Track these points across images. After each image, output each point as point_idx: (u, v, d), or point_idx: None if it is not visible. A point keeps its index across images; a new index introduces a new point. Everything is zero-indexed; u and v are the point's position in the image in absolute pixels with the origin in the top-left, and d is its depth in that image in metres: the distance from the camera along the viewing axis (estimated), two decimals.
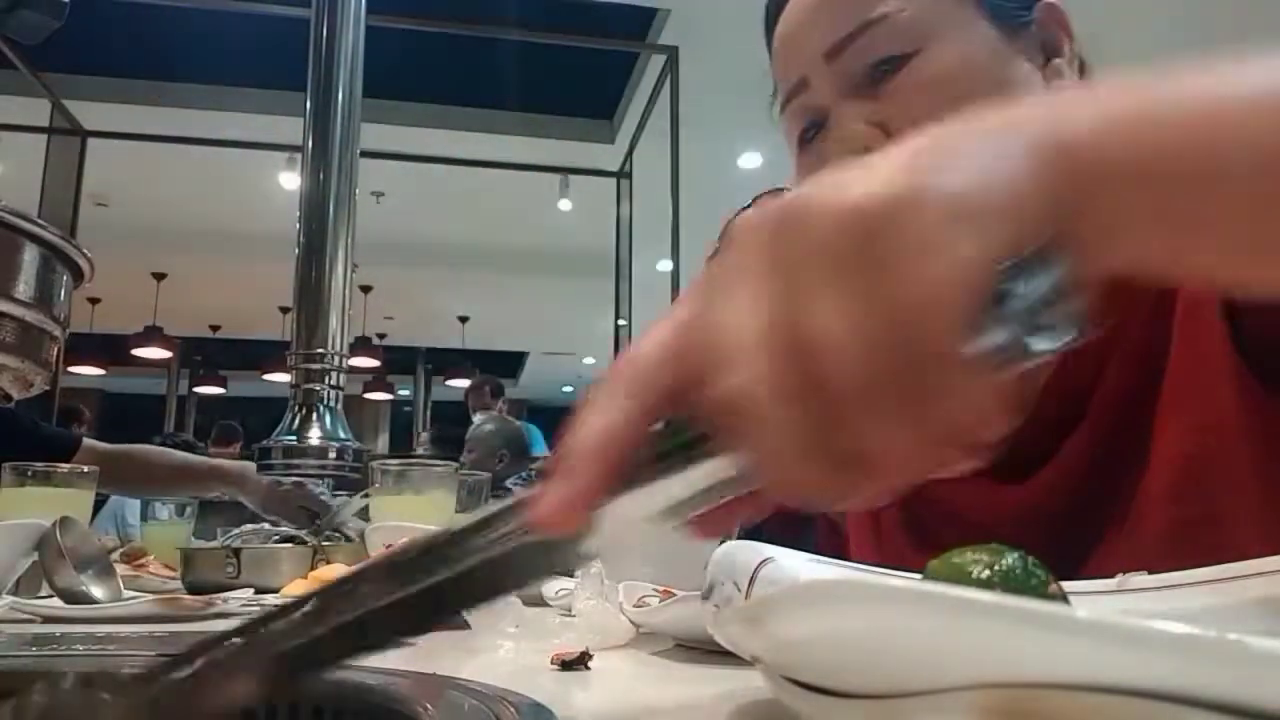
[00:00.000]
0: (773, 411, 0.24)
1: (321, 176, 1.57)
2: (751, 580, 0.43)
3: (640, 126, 4.12)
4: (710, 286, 0.26)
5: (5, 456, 1.09)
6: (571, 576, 0.67)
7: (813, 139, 0.66)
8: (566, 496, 0.26)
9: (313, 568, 1.02)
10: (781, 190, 1.21)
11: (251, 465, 1.63)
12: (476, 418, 3.53)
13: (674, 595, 0.63)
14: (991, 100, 0.44)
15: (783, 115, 0.70)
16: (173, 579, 1.14)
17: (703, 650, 0.55)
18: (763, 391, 0.24)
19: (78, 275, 0.58)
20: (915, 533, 0.69)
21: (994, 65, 0.59)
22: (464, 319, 8.52)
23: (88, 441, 1.62)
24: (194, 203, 5.78)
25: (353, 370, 1.61)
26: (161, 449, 1.67)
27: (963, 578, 0.32)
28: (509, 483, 3.01)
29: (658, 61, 3.96)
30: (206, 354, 9.36)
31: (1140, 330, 0.56)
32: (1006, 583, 0.32)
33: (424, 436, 3.04)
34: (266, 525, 1.40)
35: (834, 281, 0.24)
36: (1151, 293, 0.57)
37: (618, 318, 4.40)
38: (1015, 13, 0.61)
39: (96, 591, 0.83)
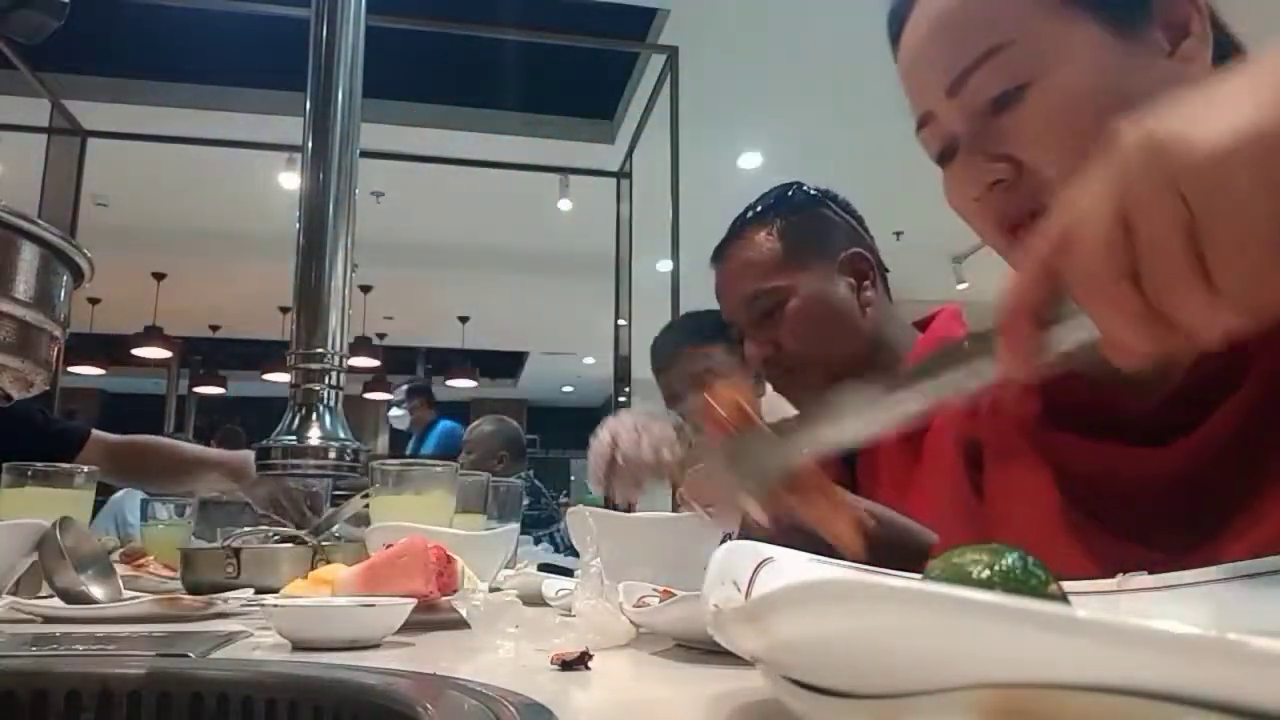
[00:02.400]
0: (1107, 284, 0.33)
1: (321, 176, 1.57)
2: (751, 580, 0.43)
3: (640, 126, 4.12)
4: (1087, 186, 0.35)
5: (18, 450, 1.10)
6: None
7: (951, 158, 0.67)
8: (1010, 342, 0.38)
9: (313, 567, 1.02)
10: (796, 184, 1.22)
11: (249, 456, 1.63)
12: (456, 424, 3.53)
13: (674, 595, 0.63)
14: (1115, 112, 0.50)
15: (918, 136, 0.71)
16: (173, 579, 1.14)
17: (703, 650, 0.55)
18: (1101, 269, 0.33)
19: (78, 275, 0.58)
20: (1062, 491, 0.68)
21: (1112, 76, 0.58)
22: (464, 319, 8.52)
23: (96, 433, 1.63)
24: (194, 203, 5.78)
25: (353, 370, 1.61)
26: (166, 440, 1.68)
27: (963, 578, 0.32)
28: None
29: (658, 61, 3.96)
30: (206, 354, 9.36)
31: None
32: (1006, 583, 0.32)
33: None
34: (265, 525, 1.40)
35: (1167, 190, 0.32)
36: None
37: (618, 318, 4.39)
38: (1131, 10, 0.60)
39: (96, 591, 0.83)
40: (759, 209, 1.23)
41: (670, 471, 0.95)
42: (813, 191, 1.23)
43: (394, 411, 4.57)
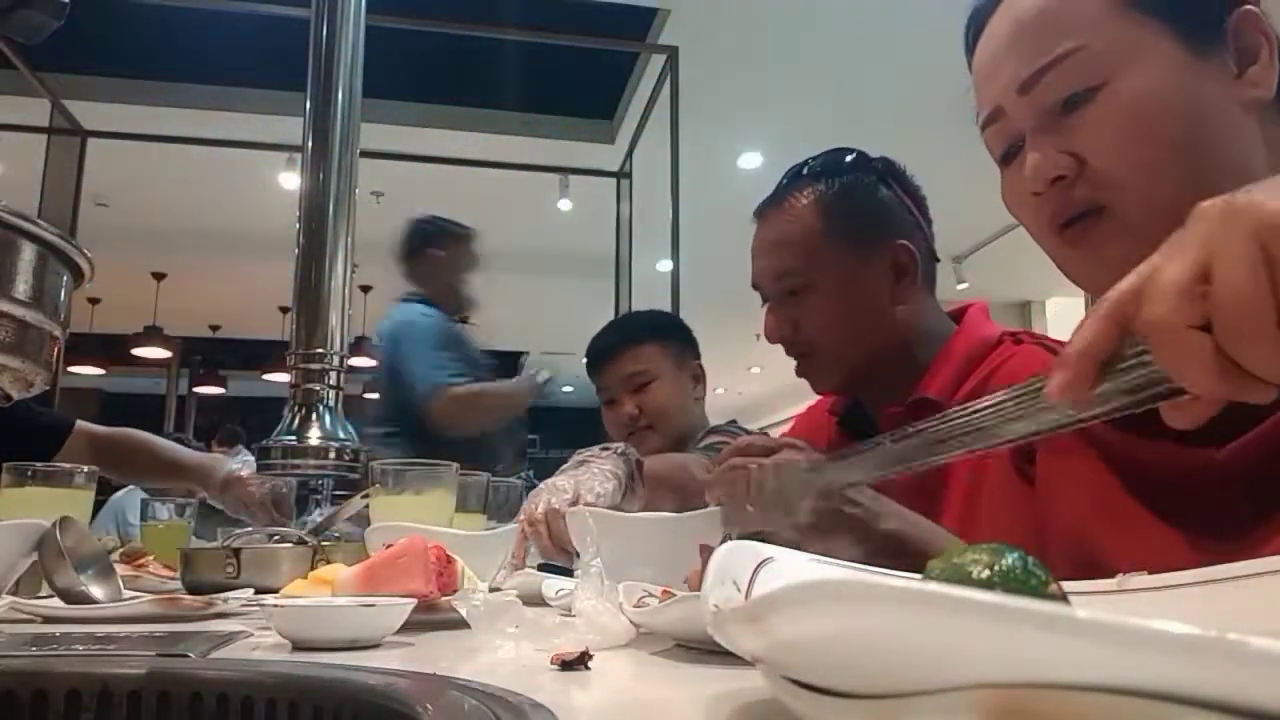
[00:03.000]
0: (1182, 333, 0.35)
1: (321, 176, 1.57)
2: (751, 580, 0.43)
3: (640, 126, 4.12)
4: (1166, 248, 0.38)
5: (4, 441, 1.10)
6: None
7: (1013, 158, 0.70)
8: (1066, 380, 0.39)
9: (313, 567, 1.02)
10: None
11: (220, 461, 1.63)
12: None
13: (674, 595, 0.63)
14: (1180, 123, 0.58)
15: (983, 134, 0.74)
16: (173, 579, 1.14)
17: (703, 650, 0.55)
18: (1178, 316, 0.35)
19: (78, 275, 0.58)
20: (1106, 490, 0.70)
21: (1181, 90, 0.61)
22: (464, 319, 8.51)
23: (81, 424, 1.63)
24: (194, 203, 5.78)
25: (353, 370, 1.61)
26: (146, 438, 1.68)
27: (963, 578, 0.32)
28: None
29: (658, 61, 3.96)
30: (206, 354, 9.36)
31: None
32: (1006, 583, 0.32)
33: None
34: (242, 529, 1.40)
35: (1247, 240, 0.34)
36: None
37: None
38: (1206, 30, 0.62)
39: (96, 591, 0.83)
40: (814, 169, 1.14)
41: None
42: (875, 163, 1.13)
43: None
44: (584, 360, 1.92)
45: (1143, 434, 0.64)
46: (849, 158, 1.14)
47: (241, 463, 1.59)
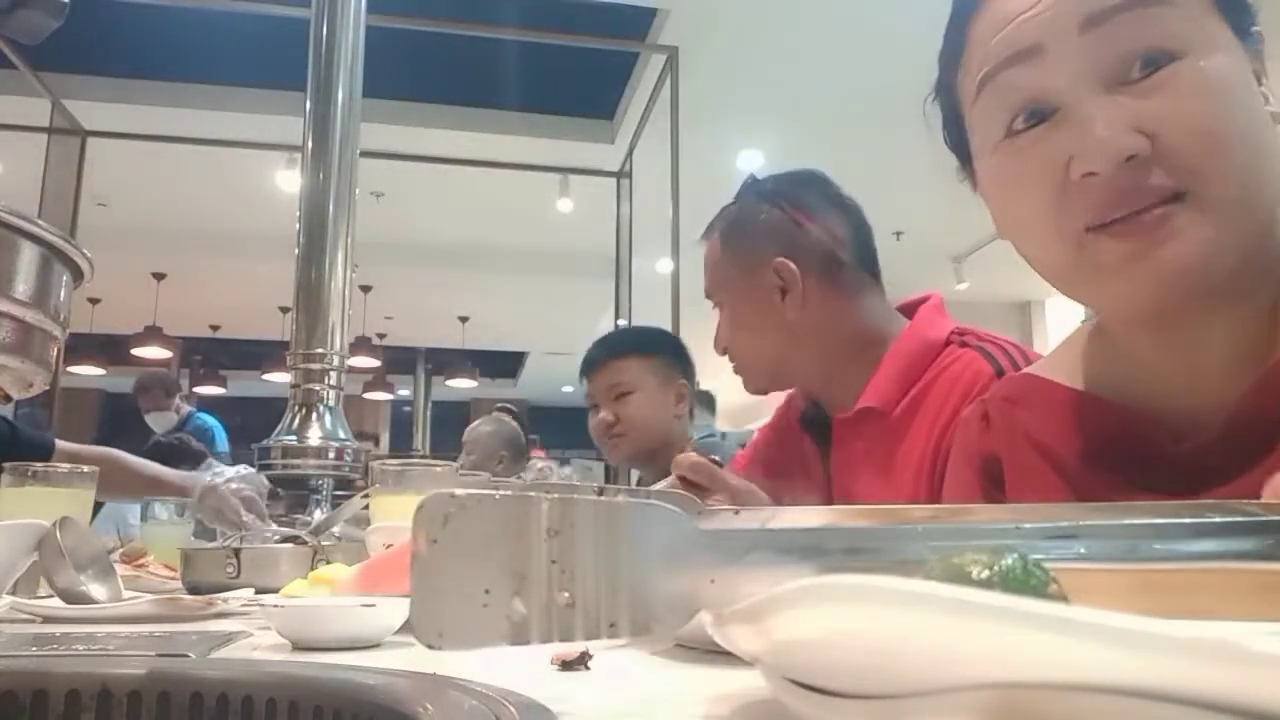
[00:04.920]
0: None
1: (321, 176, 1.57)
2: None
3: (640, 126, 4.12)
4: None
5: None
6: None
7: (1030, 127, 0.57)
8: None
9: (313, 567, 1.02)
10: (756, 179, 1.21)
11: (193, 479, 1.62)
12: (474, 427, 3.53)
13: None
14: (1251, 117, 0.53)
15: (983, 94, 0.59)
16: (173, 579, 1.14)
17: (703, 650, 0.55)
18: None
19: (78, 275, 0.58)
20: None
21: (1247, 82, 0.55)
22: (464, 319, 8.51)
23: (60, 444, 1.64)
24: (194, 203, 5.78)
25: (353, 370, 1.61)
26: (123, 456, 1.68)
27: (963, 578, 0.32)
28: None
29: (658, 61, 3.96)
30: (206, 354, 9.36)
31: None
32: (1006, 583, 0.32)
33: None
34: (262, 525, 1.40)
35: None
36: None
37: (618, 318, 4.39)
38: (1247, 34, 0.58)
39: (96, 591, 0.83)
40: (724, 208, 1.25)
41: None
42: (766, 188, 1.20)
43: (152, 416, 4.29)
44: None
45: (1118, 477, 0.61)
46: (742, 189, 1.24)
47: (213, 475, 1.59)
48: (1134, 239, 0.53)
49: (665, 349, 1.97)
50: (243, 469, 1.55)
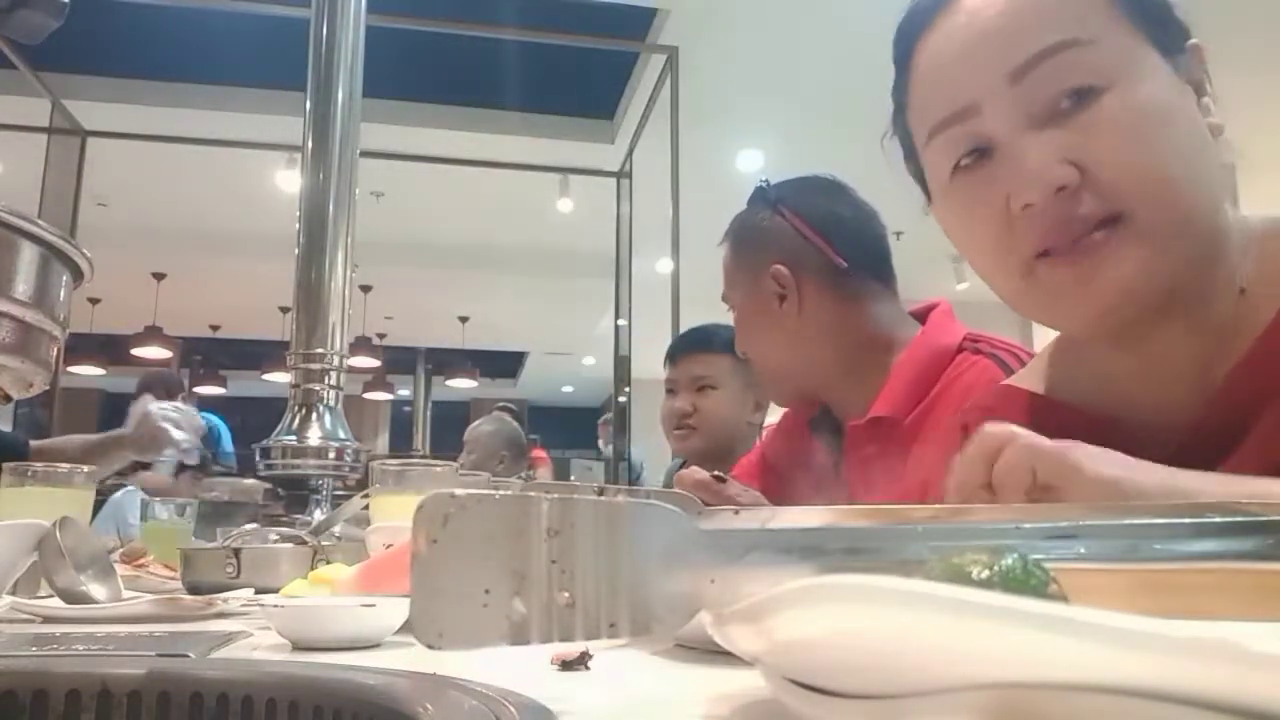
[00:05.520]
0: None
1: (321, 176, 1.57)
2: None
3: (640, 126, 4.12)
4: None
5: None
6: None
7: (969, 166, 0.61)
8: None
9: (313, 567, 1.02)
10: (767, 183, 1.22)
11: (121, 430, 1.66)
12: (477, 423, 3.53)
13: None
14: (1174, 139, 0.56)
15: (929, 146, 0.64)
16: (173, 579, 1.14)
17: (703, 650, 0.55)
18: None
19: (78, 275, 0.58)
20: None
21: (1179, 107, 0.58)
22: (464, 319, 8.52)
23: (34, 444, 1.67)
24: (194, 203, 5.78)
25: (353, 370, 1.61)
26: (73, 436, 1.71)
27: (963, 578, 0.32)
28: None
29: (658, 61, 3.96)
30: (206, 354, 9.36)
31: None
32: (1006, 583, 0.32)
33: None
34: (261, 524, 1.40)
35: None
36: None
37: (618, 318, 4.40)
38: (1178, 52, 0.60)
39: (96, 591, 0.83)
40: (738, 214, 1.26)
41: None
42: (767, 192, 1.21)
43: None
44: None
45: None
46: (751, 198, 1.25)
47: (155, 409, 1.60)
48: (1075, 265, 0.57)
49: None
50: (178, 404, 1.57)
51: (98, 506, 1.29)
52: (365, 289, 6.78)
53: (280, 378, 4.67)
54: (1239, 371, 0.56)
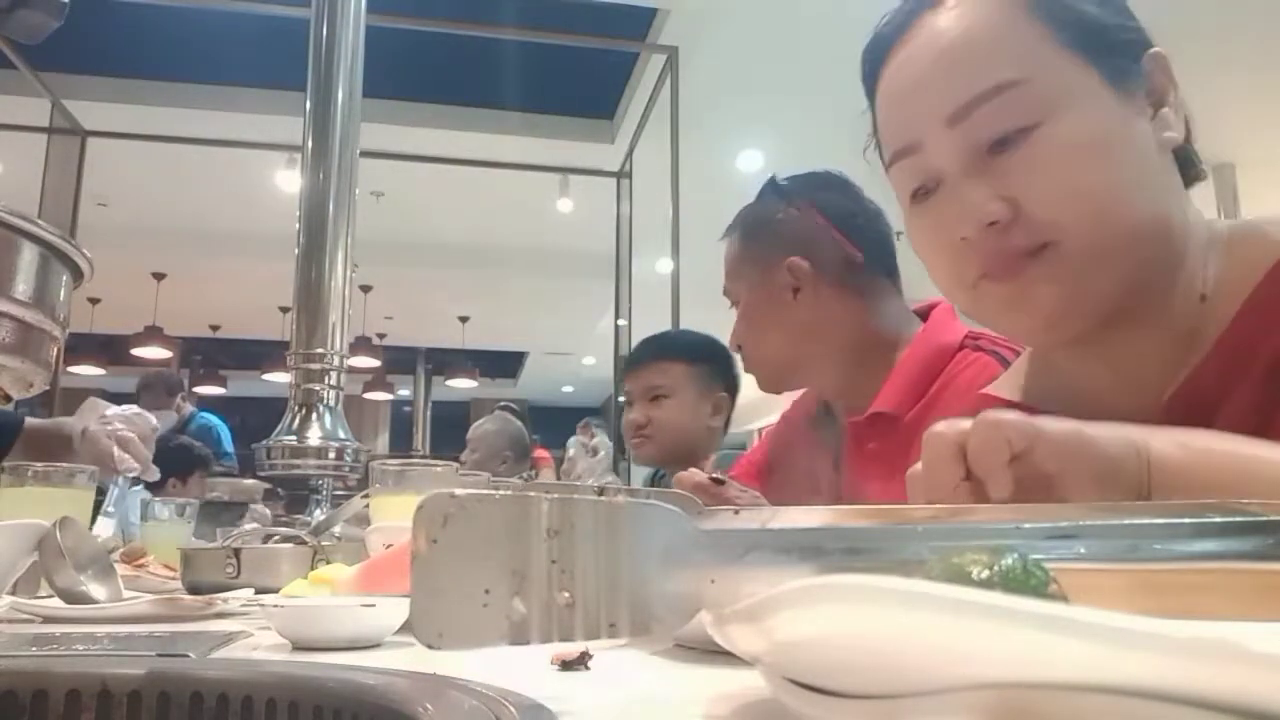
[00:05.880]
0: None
1: (321, 176, 1.57)
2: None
3: (640, 126, 4.12)
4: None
5: None
6: None
7: (921, 197, 0.66)
8: None
9: (313, 567, 1.02)
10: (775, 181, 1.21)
11: (69, 425, 1.48)
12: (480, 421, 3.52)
13: None
14: (1112, 162, 0.59)
15: (890, 171, 0.69)
16: (173, 579, 1.14)
17: (703, 650, 0.56)
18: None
19: (78, 275, 0.58)
20: None
21: (1115, 132, 0.60)
22: (464, 319, 8.52)
23: (29, 421, 1.56)
24: (194, 203, 5.78)
25: (353, 370, 1.61)
26: (60, 419, 1.59)
27: (963, 578, 0.32)
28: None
29: (658, 61, 3.96)
30: (206, 354, 9.36)
31: (1271, 348, 0.56)
32: (1006, 583, 0.32)
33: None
34: (261, 524, 1.40)
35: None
36: None
37: (618, 318, 4.39)
38: (1127, 71, 0.61)
39: (96, 591, 0.83)
40: (745, 207, 1.26)
41: None
42: (781, 186, 1.22)
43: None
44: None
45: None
46: (762, 190, 1.24)
47: (100, 420, 1.42)
48: (1008, 288, 0.62)
49: (712, 358, 1.93)
50: (129, 409, 1.46)
51: (98, 506, 1.28)
52: (365, 289, 6.78)
53: (280, 378, 4.68)
54: (1185, 388, 0.59)
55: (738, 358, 1.25)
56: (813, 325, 1.14)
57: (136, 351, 6.99)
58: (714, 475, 1.02)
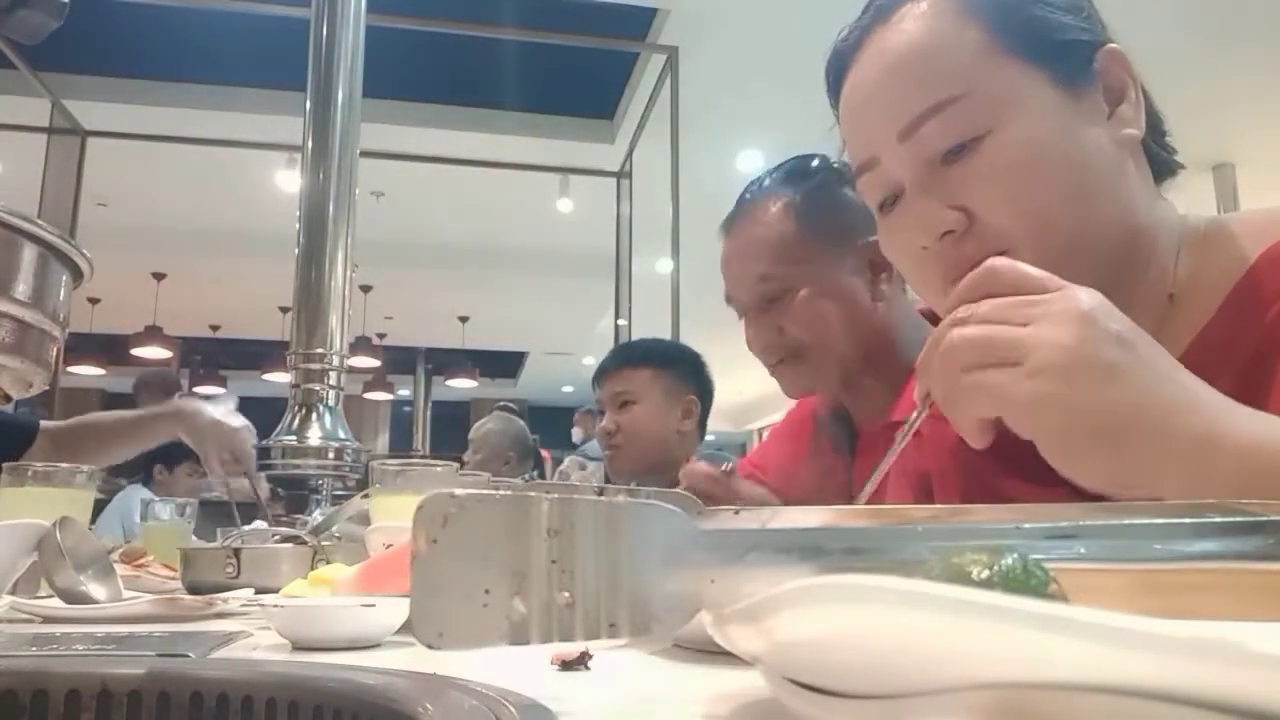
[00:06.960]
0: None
1: (321, 176, 1.57)
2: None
3: (640, 126, 4.12)
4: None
5: None
6: None
7: (890, 209, 0.67)
8: None
9: (313, 567, 1.02)
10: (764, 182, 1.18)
11: (175, 409, 1.57)
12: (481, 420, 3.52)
13: None
14: (1064, 166, 0.60)
15: (857, 184, 0.71)
16: (173, 579, 1.14)
17: (703, 650, 0.56)
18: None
19: (78, 275, 0.58)
20: None
21: (1064, 136, 0.60)
22: (464, 319, 8.52)
23: (45, 425, 1.58)
24: (194, 203, 5.78)
25: (353, 370, 1.61)
26: (94, 415, 1.61)
27: (963, 578, 0.32)
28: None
29: (658, 61, 3.96)
30: (206, 354, 9.36)
31: (1247, 346, 0.56)
32: (1006, 583, 0.32)
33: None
34: (263, 525, 1.40)
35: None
36: (1265, 315, 0.57)
37: (618, 318, 4.39)
38: (1077, 70, 0.61)
39: (96, 591, 0.83)
40: (778, 178, 1.13)
41: None
42: (837, 164, 1.10)
43: None
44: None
45: (1035, 484, 0.64)
46: (812, 162, 1.15)
47: (226, 411, 1.50)
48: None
49: (680, 362, 1.94)
50: (228, 404, 1.50)
51: (99, 506, 1.28)
52: (365, 289, 6.78)
53: (280, 378, 4.67)
54: None
55: (758, 359, 1.13)
56: (887, 314, 1.06)
57: (136, 351, 6.99)
58: (724, 467, 1.00)
